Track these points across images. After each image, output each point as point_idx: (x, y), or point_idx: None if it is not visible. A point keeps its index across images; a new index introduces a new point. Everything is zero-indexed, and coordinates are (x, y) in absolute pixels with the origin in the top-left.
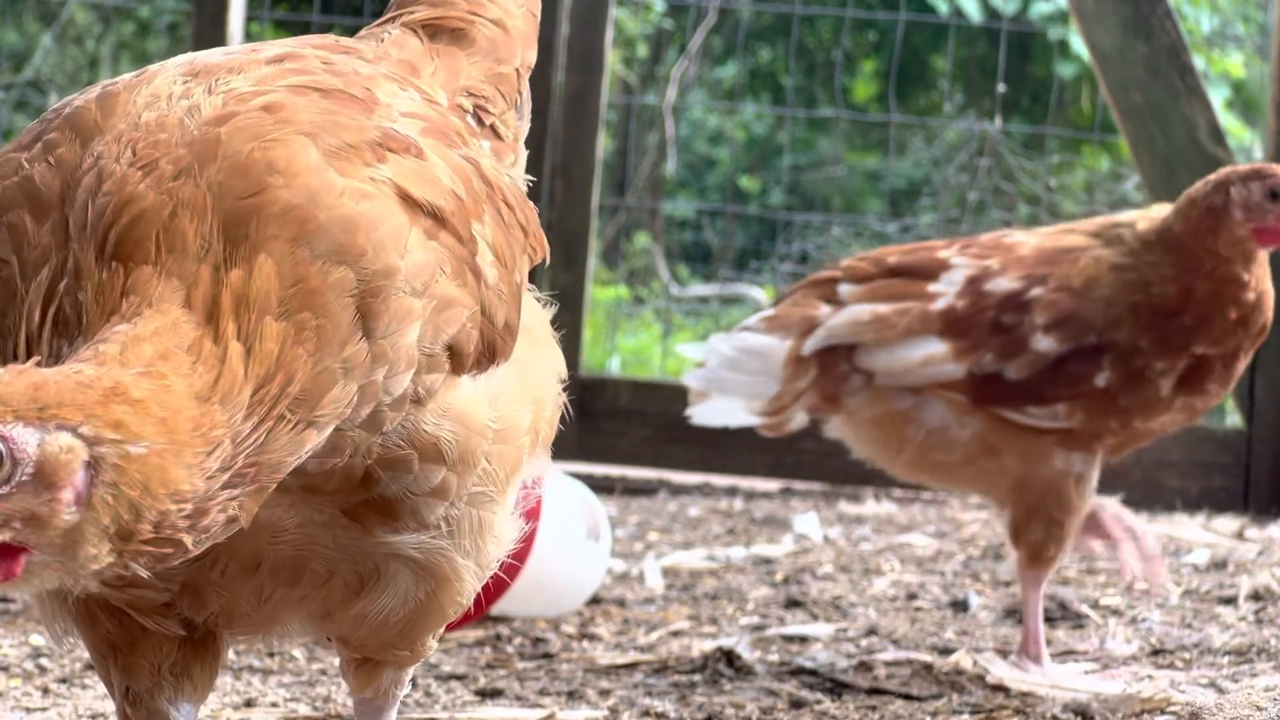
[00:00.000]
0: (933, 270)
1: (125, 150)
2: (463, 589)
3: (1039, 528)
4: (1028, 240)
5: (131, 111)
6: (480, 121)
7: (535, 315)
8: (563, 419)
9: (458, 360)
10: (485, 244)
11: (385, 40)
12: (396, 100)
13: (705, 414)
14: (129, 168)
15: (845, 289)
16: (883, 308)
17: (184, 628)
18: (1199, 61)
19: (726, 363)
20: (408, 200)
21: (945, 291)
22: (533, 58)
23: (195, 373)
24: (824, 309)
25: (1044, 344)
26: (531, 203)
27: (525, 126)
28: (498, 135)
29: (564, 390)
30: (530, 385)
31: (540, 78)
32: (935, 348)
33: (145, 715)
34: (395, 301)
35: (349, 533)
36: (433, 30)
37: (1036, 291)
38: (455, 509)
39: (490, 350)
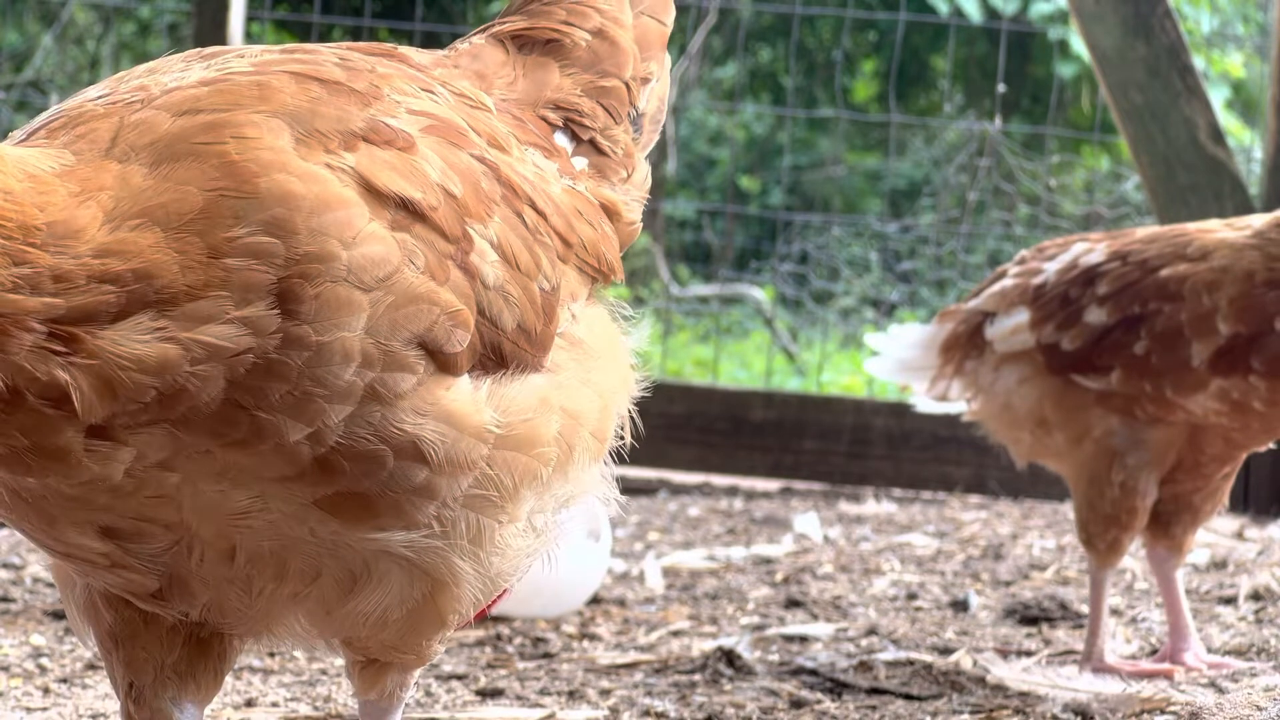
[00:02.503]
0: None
1: (104, 94)
2: (460, 595)
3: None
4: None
5: (130, 75)
6: (576, 137)
7: (594, 328)
8: None
9: (442, 360)
10: (488, 244)
11: (459, 50)
12: (408, 99)
13: (924, 403)
14: (94, 103)
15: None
16: (1009, 282)
17: (187, 625)
18: (1199, 61)
19: (898, 349)
20: (371, 190)
21: (1050, 268)
22: (654, 69)
23: (44, 193)
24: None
25: (1095, 316)
26: (605, 221)
27: (648, 137)
28: (599, 150)
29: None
30: (565, 397)
31: None
32: (1022, 317)
33: (148, 714)
34: (329, 290)
35: (327, 526)
36: (522, 41)
37: (1111, 265)
38: (449, 510)
39: (497, 354)
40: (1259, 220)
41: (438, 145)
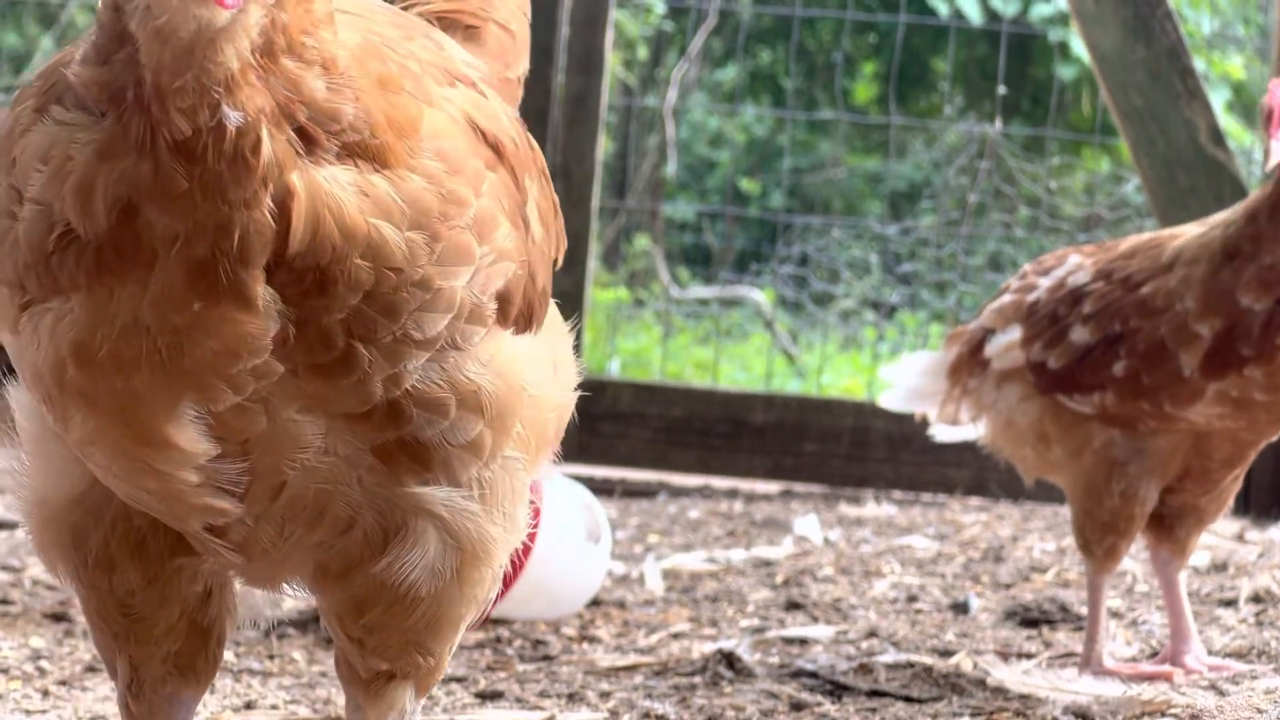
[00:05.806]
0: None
1: None
2: (493, 564)
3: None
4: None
5: None
6: None
7: (556, 316)
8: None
9: (504, 310)
10: (533, 200)
11: None
12: (456, 51)
13: (941, 433)
14: None
15: None
16: (1007, 298)
17: (192, 610)
18: (1199, 63)
19: (909, 378)
20: (475, 130)
21: (1043, 284)
22: (527, 66)
23: None
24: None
25: (1079, 335)
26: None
27: None
28: None
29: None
30: (558, 368)
31: (540, 80)
32: (1015, 334)
33: (146, 709)
34: (455, 235)
35: (375, 475)
36: (446, 23)
37: (1096, 285)
38: (489, 471)
39: (528, 311)
40: (1229, 211)
41: (494, 96)
